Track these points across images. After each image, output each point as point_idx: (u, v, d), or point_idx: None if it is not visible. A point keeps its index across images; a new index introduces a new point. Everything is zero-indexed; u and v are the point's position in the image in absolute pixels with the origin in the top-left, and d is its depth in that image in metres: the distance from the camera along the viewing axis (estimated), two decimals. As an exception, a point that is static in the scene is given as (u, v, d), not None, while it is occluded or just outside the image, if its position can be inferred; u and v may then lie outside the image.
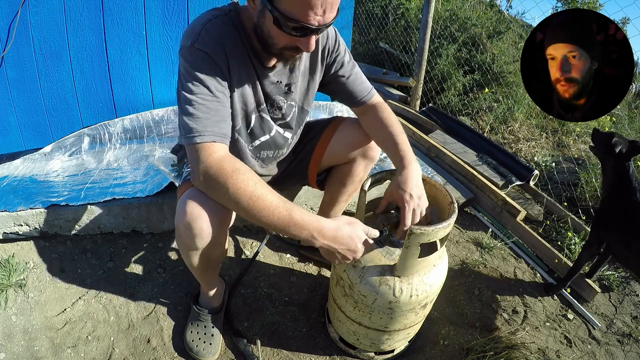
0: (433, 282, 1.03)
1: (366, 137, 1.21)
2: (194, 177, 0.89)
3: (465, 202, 2.04)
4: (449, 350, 1.32)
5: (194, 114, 0.86)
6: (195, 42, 0.87)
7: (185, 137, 0.86)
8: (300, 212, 0.86)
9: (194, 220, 0.91)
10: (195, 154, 0.86)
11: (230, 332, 1.30)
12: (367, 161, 1.28)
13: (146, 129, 1.89)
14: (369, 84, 1.19)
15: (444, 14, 3.64)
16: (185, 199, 0.92)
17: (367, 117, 1.17)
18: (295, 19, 0.78)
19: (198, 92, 0.86)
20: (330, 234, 0.89)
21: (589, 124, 2.96)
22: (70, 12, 1.59)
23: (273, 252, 1.64)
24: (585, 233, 1.85)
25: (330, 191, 1.38)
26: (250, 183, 0.84)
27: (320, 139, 1.26)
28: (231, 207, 0.88)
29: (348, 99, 1.18)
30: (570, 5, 3.93)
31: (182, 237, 0.96)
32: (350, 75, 1.14)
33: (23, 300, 1.37)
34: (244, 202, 0.83)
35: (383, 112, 1.14)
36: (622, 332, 1.48)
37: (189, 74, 0.87)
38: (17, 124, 1.73)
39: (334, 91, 1.18)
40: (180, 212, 0.92)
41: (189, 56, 0.87)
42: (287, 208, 0.85)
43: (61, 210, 1.50)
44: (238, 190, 0.83)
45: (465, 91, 3.22)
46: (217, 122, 0.88)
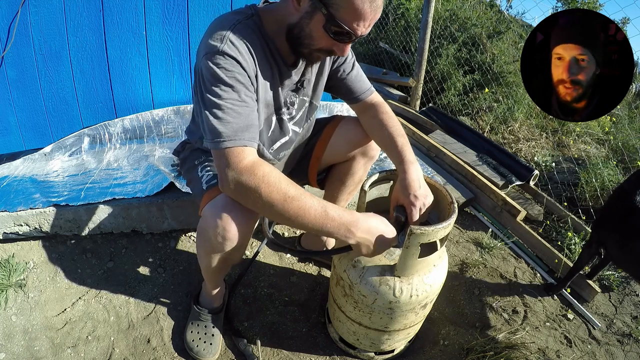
0: (433, 282, 1.03)
1: (366, 135, 1.21)
2: (223, 184, 0.87)
3: (465, 202, 2.04)
4: (449, 350, 1.32)
5: (224, 118, 0.84)
6: (223, 47, 0.85)
7: (213, 141, 0.85)
8: (335, 208, 0.86)
9: (227, 225, 0.91)
10: (225, 160, 0.84)
11: (230, 332, 1.30)
12: (367, 159, 1.28)
13: (146, 129, 1.89)
14: (369, 83, 1.19)
15: (444, 14, 3.64)
16: (216, 205, 0.92)
17: (366, 116, 1.18)
18: (346, 26, 0.83)
19: (227, 97, 0.85)
20: (365, 226, 0.89)
21: (589, 124, 2.96)
22: (70, 12, 1.59)
23: (273, 252, 1.64)
24: (585, 233, 1.85)
25: (331, 189, 1.38)
26: (282, 185, 0.83)
27: (320, 138, 1.27)
28: (265, 211, 0.86)
29: (346, 95, 1.18)
30: (570, 5, 3.93)
31: (210, 242, 0.96)
32: (351, 71, 1.14)
33: (23, 300, 1.37)
34: (278, 205, 0.82)
35: (382, 112, 1.14)
36: (622, 332, 1.48)
37: (217, 79, 0.85)
38: (17, 124, 1.73)
39: (334, 87, 1.19)
40: (211, 218, 0.92)
41: (218, 61, 0.85)
42: (322, 205, 0.85)
43: (61, 210, 1.50)
44: (271, 194, 0.82)
45: (465, 91, 3.22)
46: (247, 127, 0.87)
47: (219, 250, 0.98)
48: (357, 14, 0.82)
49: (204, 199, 1.00)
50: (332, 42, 0.89)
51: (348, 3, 0.81)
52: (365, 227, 0.89)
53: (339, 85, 1.17)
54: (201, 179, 1.09)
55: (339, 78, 1.15)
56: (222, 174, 0.86)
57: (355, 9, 0.81)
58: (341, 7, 0.81)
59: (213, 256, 1.02)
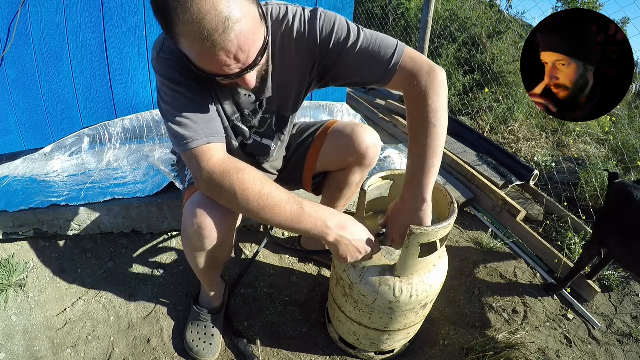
0: (433, 282, 1.03)
1: (358, 143, 1.15)
2: (197, 184, 0.87)
3: (465, 202, 2.04)
4: (449, 350, 1.32)
5: (181, 121, 0.82)
6: (160, 52, 0.84)
7: (178, 145, 0.83)
8: (311, 205, 0.85)
9: (203, 223, 0.90)
10: (194, 161, 0.83)
11: (230, 332, 1.30)
12: (363, 168, 1.24)
13: (146, 129, 1.89)
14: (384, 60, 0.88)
15: (444, 14, 3.64)
16: (193, 202, 0.91)
17: (405, 104, 0.93)
18: (215, 74, 0.74)
19: (177, 98, 0.82)
20: (342, 223, 0.88)
21: (588, 124, 2.96)
22: (70, 12, 1.59)
23: (273, 252, 1.64)
24: (585, 233, 1.85)
25: (327, 196, 1.36)
26: (257, 182, 0.82)
27: (311, 149, 1.23)
28: (240, 209, 0.84)
29: (363, 85, 0.98)
30: (570, 5, 3.93)
31: (190, 240, 0.95)
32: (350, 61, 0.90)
33: (23, 300, 1.37)
34: (253, 202, 0.81)
35: (413, 104, 0.89)
36: (622, 332, 1.48)
37: (164, 84, 0.83)
38: (17, 124, 1.73)
39: (349, 85, 1.01)
40: (188, 215, 0.91)
41: (158, 67, 0.84)
42: (298, 202, 0.84)
43: (61, 210, 1.50)
44: (246, 191, 0.81)
45: (465, 91, 3.22)
46: (207, 123, 0.84)
47: (201, 249, 0.97)
48: (211, 63, 0.70)
49: (185, 196, 1.00)
50: (227, 81, 0.77)
51: (186, 46, 0.68)
52: (343, 224, 0.87)
53: (348, 83, 0.97)
54: (186, 177, 1.10)
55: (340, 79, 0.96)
56: (194, 175, 0.86)
57: (197, 54, 0.69)
58: (187, 50, 0.70)
59: (197, 254, 1.01)
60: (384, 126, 2.76)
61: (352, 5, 1.95)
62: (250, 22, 0.68)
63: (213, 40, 0.65)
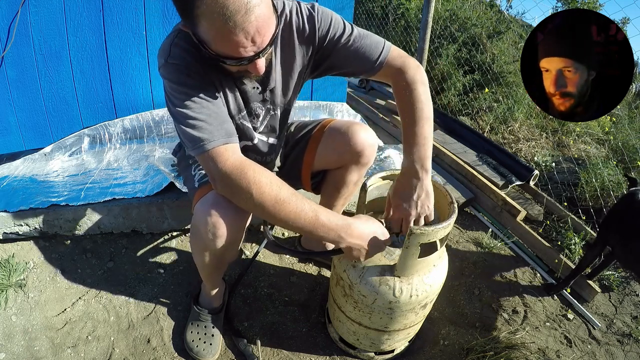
0: (433, 282, 1.03)
1: (354, 142, 1.16)
2: (214, 184, 0.88)
3: (465, 202, 2.04)
4: (449, 350, 1.32)
5: (195, 124, 0.84)
6: (168, 57, 0.85)
7: (193, 148, 0.84)
8: (326, 213, 0.85)
9: (217, 222, 0.91)
10: (211, 162, 0.84)
11: (230, 332, 1.30)
12: (360, 167, 1.25)
13: (146, 129, 1.89)
14: (375, 53, 0.98)
15: (444, 14, 3.64)
16: (207, 202, 0.92)
17: (394, 92, 1.02)
18: (230, 57, 0.76)
19: (189, 102, 0.84)
20: (357, 232, 0.88)
21: (589, 124, 2.97)
22: (70, 12, 1.59)
23: (273, 253, 1.64)
24: (585, 233, 1.85)
25: (326, 196, 1.37)
26: (274, 187, 0.83)
27: (307, 148, 1.24)
28: (255, 211, 0.86)
29: (355, 74, 1.06)
30: (570, 5, 3.93)
31: (202, 238, 0.96)
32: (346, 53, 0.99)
33: (23, 300, 1.37)
34: (269, 206, 0.82)
35: (402, 90, 0.98)
36: (622, 332, 1.48)
37: (174, 89, 0.85)
38: (17, 124, 1.73)
39: (340, 75, 1.09)
40: (202, 214, 0.92)
41: (167, 73, 0.85)
42: (313, 210, 0.84)
43: (61, 210, 1.50)
44: (262, 195, 0.82)
45: (465, 91, 3.22)
46: (221, 124, 0.86)
47: (211, 248, 0.98)
48: (227, 44, 0.73)
49: (196, 196, 1.00)
50: (238, 67, 0.80)
51: (205, 28, 0.71)
52: (357, 233, 0.89)
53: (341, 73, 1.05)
54: (194, 177, 1.10)
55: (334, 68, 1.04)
56: (211, 176, 0.87)
57: (216, 34, 0.72)
58: (205, 32, 0.72)
59: (206, 254, 1.02)
60: (384, 126, 2.76)
61: (352, 5, 1.95)
62: (267, 8, 0.73)
63: (235, 20, 0.68)
